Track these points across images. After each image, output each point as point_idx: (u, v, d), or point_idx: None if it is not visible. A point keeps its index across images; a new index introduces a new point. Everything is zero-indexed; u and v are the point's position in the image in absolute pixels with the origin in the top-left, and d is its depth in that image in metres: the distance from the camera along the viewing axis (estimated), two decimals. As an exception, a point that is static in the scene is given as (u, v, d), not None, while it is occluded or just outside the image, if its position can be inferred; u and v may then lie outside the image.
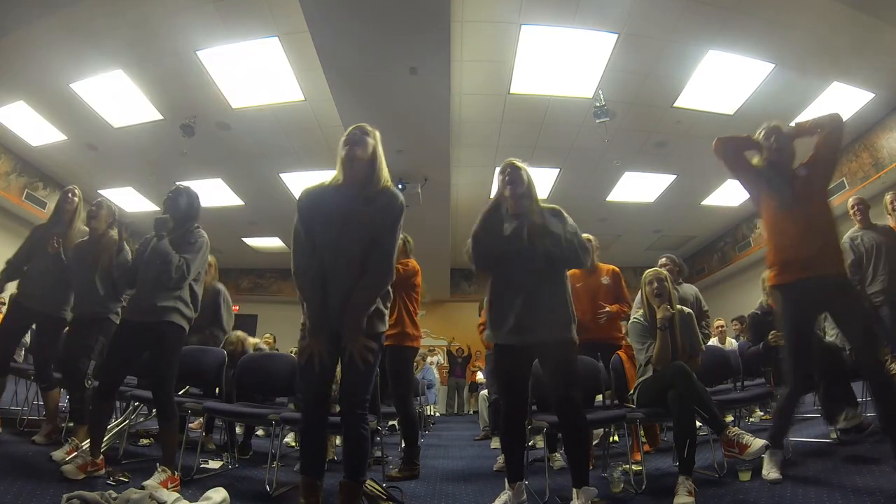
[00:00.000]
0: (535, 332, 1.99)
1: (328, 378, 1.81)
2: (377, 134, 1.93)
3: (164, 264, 2.26)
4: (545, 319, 2.00)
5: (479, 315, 3.87)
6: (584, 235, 2.19)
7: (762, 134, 2.35)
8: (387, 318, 1.90)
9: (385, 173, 1.90)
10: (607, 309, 3.26)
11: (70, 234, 3.03)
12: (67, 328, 2.98)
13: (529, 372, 2.12)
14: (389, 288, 1.89)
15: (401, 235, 1.99)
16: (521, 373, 2.10)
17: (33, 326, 3.10)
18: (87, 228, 3.06)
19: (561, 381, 2.00)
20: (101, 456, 2.33)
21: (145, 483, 2.02)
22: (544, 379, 2.08)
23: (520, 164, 2.14)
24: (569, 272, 2.18)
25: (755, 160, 2.38)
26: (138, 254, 2.47)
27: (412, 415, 3.15)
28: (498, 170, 2.19)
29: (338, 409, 1.82)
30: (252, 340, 4.15)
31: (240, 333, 3.81)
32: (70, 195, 3.10)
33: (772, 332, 3.11)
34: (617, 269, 3.48)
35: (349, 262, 1.78)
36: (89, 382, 2.70)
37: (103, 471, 2.29)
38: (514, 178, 2.10)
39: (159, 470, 2.15)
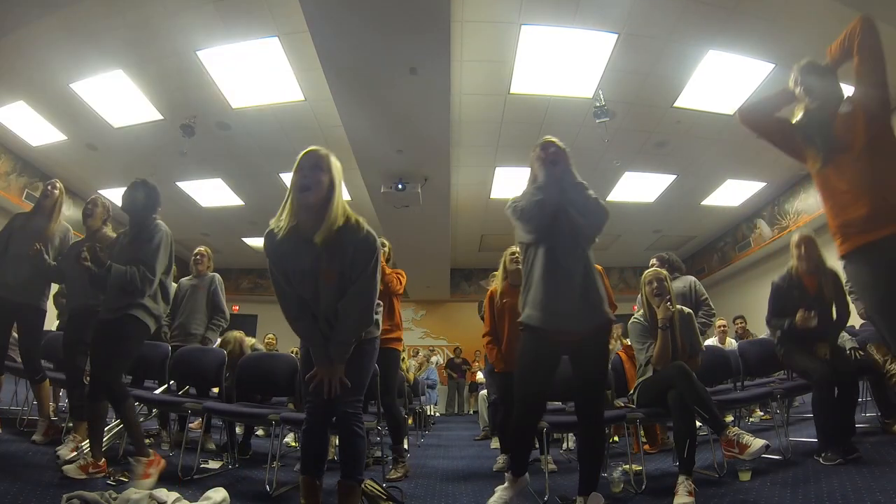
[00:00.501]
0: (577, 319, 1.93)
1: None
2: (333, 163, 1.75)
3: (130, 284, 2.29)
4: (584, 305, 1.95)
5: (480, 315, 3.83)
6: None
7: (791, 80, 1.87)
8: (381, 323, 1.91)
9: (339, 213, 1.70)
10: None
11: (50, 227, 3.00)
12: (64, 328, 2.97)
13: (558, 364, 2.01)
14: (381, 298, 1.90)
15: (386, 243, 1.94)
16: (550, 361, 1.99)
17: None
18: (67, 225, 3.07)
19: (592, 377, 1.98)
20: (104, 458, 2.33)
21: (133, 484, 2.03)
22: (574, 373, 2.02)
23: (560, 143, 2.10)
24: None
25: (798, 114, 1.89)
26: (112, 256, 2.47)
27: (398, 414, 3.17)
28: (537, 149, 2.10)
29: None
30: (249, 341, 4.14)
31: (237, 334, 3.80)
32: (50, 188, 3.06)
33: (800, 311, 2.70)
34: (599, 267, 3.37)
35: (329, 314, 1.76)
36: (87, 378, 2.69)
37: (103, 473, 2.28)
38: (557, 157, 2.05)
39: (134, 464, 2.15)
